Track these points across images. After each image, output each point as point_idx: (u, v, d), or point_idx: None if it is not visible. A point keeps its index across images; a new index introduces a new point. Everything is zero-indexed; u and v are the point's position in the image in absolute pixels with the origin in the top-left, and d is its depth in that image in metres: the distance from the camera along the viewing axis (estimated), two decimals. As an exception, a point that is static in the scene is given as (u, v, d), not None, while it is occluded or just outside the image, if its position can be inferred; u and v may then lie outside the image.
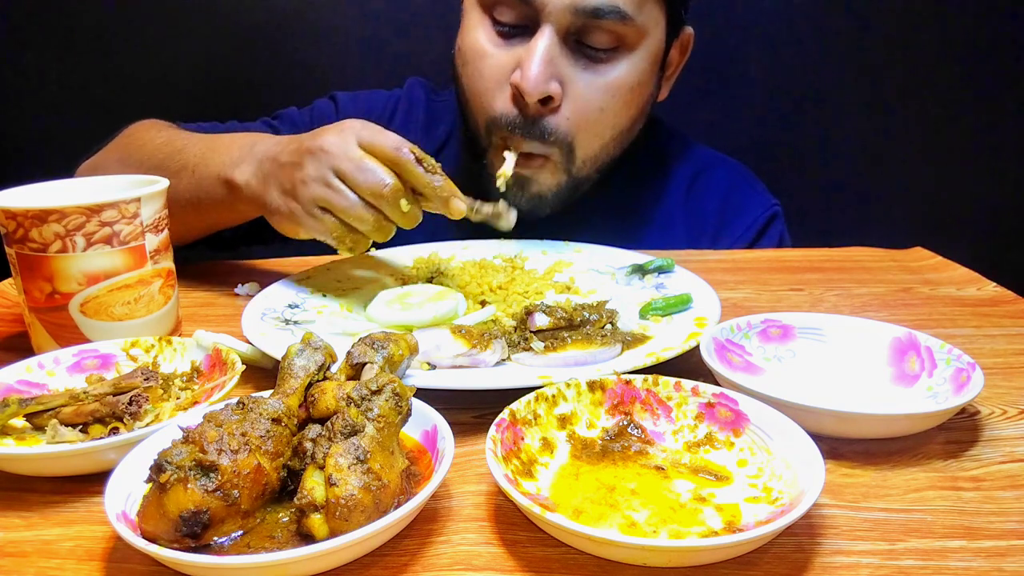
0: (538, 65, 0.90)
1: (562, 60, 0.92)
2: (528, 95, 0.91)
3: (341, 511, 0.41)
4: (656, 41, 0.98)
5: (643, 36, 0.95)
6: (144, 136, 0.99)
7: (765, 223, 1.12)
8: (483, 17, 0.97)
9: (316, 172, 0.75)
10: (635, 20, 0.92)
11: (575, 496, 0.48)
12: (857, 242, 1.09)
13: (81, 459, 0.50)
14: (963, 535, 0.46)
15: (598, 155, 1.01)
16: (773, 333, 0.68)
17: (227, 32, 1.67)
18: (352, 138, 0.75)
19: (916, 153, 1.76)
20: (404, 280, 0.88)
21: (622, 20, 0.91)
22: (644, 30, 0.94)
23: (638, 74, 0.97)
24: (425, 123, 1.20)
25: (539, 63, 0.90)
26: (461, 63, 1.01)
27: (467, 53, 0.99)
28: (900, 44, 1.69)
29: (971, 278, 0.94)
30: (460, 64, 1.01)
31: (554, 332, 0.67)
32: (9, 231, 0.66)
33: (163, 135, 0.97)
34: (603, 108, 0.96)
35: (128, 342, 0.66)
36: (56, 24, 1.67)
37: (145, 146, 0.96)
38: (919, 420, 0.55)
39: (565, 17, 0.90)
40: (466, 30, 1.00)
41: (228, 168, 0.84)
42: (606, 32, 0.92)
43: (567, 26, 0.91)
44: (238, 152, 0.84)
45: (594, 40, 0.93)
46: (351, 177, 0.74)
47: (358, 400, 0.46)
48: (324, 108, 1.20)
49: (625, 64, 0.95)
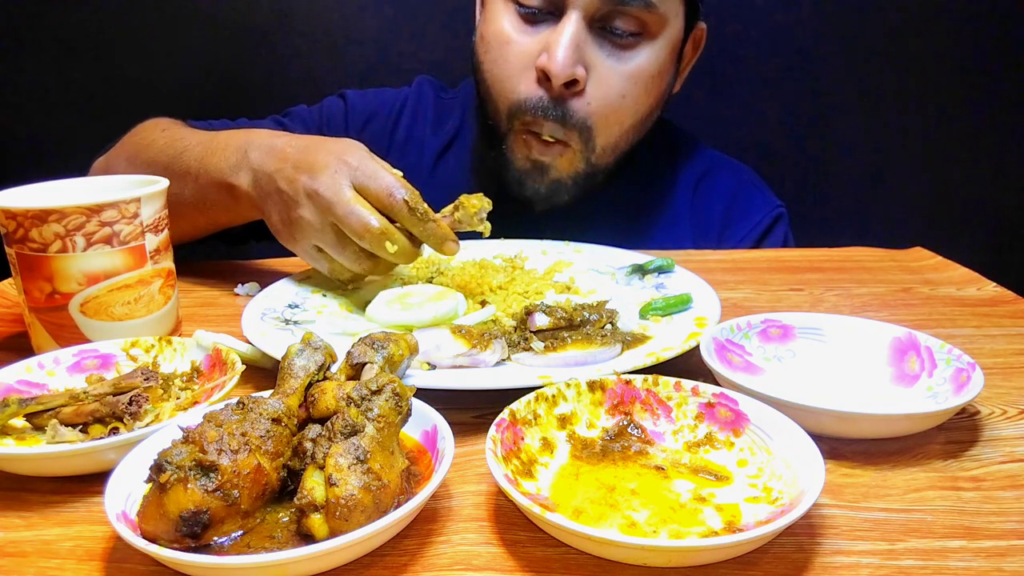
0: (566, 48, 0.92)
1: (587, 45, 0.94)
2: (556, 77, 0.92)
3: (341, 511, 0.40)
4: (676, 31, 1.00)
5: (664, 24, 0.97)
6: (150, 137, 0.99)
7: (770, 224, 1.13)
8: (507, 4, 0.98)
9: (311, 217, 0.76)
10: (658, 8, 0.94)
11: (575, 496, 0.48)
12: (857, 242, 1.09)
13: (81, 459, 0.50)
14: (963, 535, 0.46)
15: (617, 143, 1.02)
16: (773, 333, 0.68)
17: (227, 32, 1.67)
18: (346, 180, 0.75)
19: (916, 153, 1.77)
20: (404, 280, 0.88)
21: (647, 7, 0.93)
22: (666, 18, 0.96)
23: (659, 63, 0.99)
24: (434, 120, 1.20)
25: (567, 46, 0.92)
26: (483, 51, 1.02)
27: (491, 40, 1.00)
28: (900, 44, 1.69)
29: (971, 278, 0.94)
30: (482, 51, 1.02)
31: (554, 332, 0.67)
32: (9, 231, 0.66)
33: (166, 136, 0.97)
34: (624, 95, 0.98)
35: (128, 342, 0.66)
36: (56, 24, 1.67)
37: (151, 147, 0.96)
38: (919, 420, 0.55)
39: (592, 2, 0.92)
40: (489, 18, 1.01)
41: (227, 174, 0.84)
42: (631, 18, 0.94)
43: (593, 11, 0.93)
44: (234, 157, 0.84)
45: (619, 25, 0.94)
46: (341, 221, 0.74)
47: (358, 400, 0.46)
48: (334, 106, 1.21)
49: (647, 51, 0.97)
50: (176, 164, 0.90)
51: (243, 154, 0.83)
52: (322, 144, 0.79)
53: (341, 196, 0.74)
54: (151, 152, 0.95)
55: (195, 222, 0.93)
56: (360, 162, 0.76)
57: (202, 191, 0.88)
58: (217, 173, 0.85)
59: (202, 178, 0.87)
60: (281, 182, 0.78)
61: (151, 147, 0.96)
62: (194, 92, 1.70)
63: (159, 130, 1.00)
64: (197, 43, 1.68)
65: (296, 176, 0.77)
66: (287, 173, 0.78)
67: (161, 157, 0.93)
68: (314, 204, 0.75)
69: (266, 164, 0.81)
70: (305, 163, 0.77)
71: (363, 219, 0.73)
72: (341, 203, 0.74)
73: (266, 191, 0.80)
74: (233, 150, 0.85)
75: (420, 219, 0.75)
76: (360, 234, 0.74)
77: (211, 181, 0.86)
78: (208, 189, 0.87)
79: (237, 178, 0.83)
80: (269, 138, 0.83)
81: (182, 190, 0.89)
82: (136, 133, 1.03)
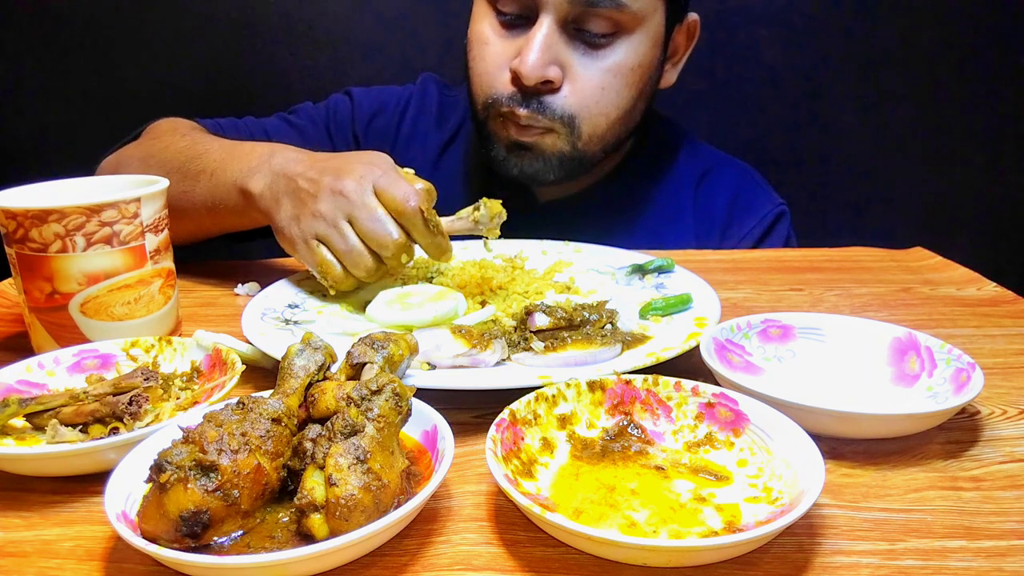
0: (536, 52, 0.94)
1: (561, 47, 0.96)
2: (526, 79, 0.94)
3: (341, 511, 0.40)
4: (656, 24, 1.00)
5: (641, 21, 0.97)
6: (168, 138, 1.00)
7: (772, 222, 1.13)
8: (488, 8, 1.01)
9: (329, 212, 0.76)
10: (630, 7, 0.94)
11: (575, 496, 0.48)
12: (857, 242, 1.09)
13: (81, 459, 0.50)
14: (963, 535, 0.46)
15: (604, 134, 1.03)
16: (773, 333, 0.68)
17: (227, 31, 1.67)
18: (370, 185, 0.76)
19: (916, 153, 1.77)
20: (404, 280, 0.88)
21: (617, 7, 0.94)
22: (641, 15, 0.97)
23: (638, 56, 0.99)
24: (437, 116, 1.22)
25: (537, 50, 0.94)
26: (469, 49, 1.05)
27: (473, 41, 1.03)
28: (900, 44, 1.69)
29: (971, 278, 0.94)
30: (468, 49, 1.05)
31: (554, 332, 0.67)
32: (9, 231, 0.66)
33: (187, 138, 0.98)
34: (604, 87, 0.99)
35: (128, 342, 0.66)
36: (56, 24, 1.67)
37: (168, 148, 0.97)
38: (919, 420, 0.55)
39: (562, 6, 0.93)
40: (474, 20, 1.04)
41: (244, 177, 0.84)
42: (603, 19, 0.95)
43: (564, 15, 0.94)
44: (256, 161, 0.85)
45: (592, 26, 0.95)
46: (361, 224, 0.75)
47: (358, 400, 0.45)
48: (340, 103, 1.21)
49: (624, 47, 0.98)
50: (192, 165, 0.91)
51: (265, 160, 0.84)
52: (350, 154, 0.81)
53: (367, 200, 0.75)
54: (169, 153, 0.95)
55: (201, 223, 0.93)
56: (385, 169, 0.77)
57: (214, 192, 0.88)
58: (234, 174, 0.86)
59: (217, 177, 0.88)
60: (302, 181, 0.79)
61: (169, 148, 0.97)
62: (194, 91, 1.71)
63: (179, 132, 1.01)
64: (197, 42, 1.68)
65: (320, 177, 0.78)
66: (310, 175, 0.79)
67: (179, 157, 0.93)
68: (336, 201, 0.76)
69: (289, 168, 0.81)
70: (331, 167, 0.78)
71: (387, 229, 0.75)
72: (366, 207, 0.75)
73: (281, 191, 0.80)
74: (256, 156, 0.86)
75: (431, 232, 0.76)
76: (381, 243, 0.75)
77: (226, 182, 0.87)
78: (220, 190, 0.87)
79: (253, 181, 0.83)
80: (296, 151, 0.85)
81: (194, 190, 0.89)
82: (154, 133, 1.04)
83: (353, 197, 0.75)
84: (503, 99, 0.99)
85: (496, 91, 1.00)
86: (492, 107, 1.01)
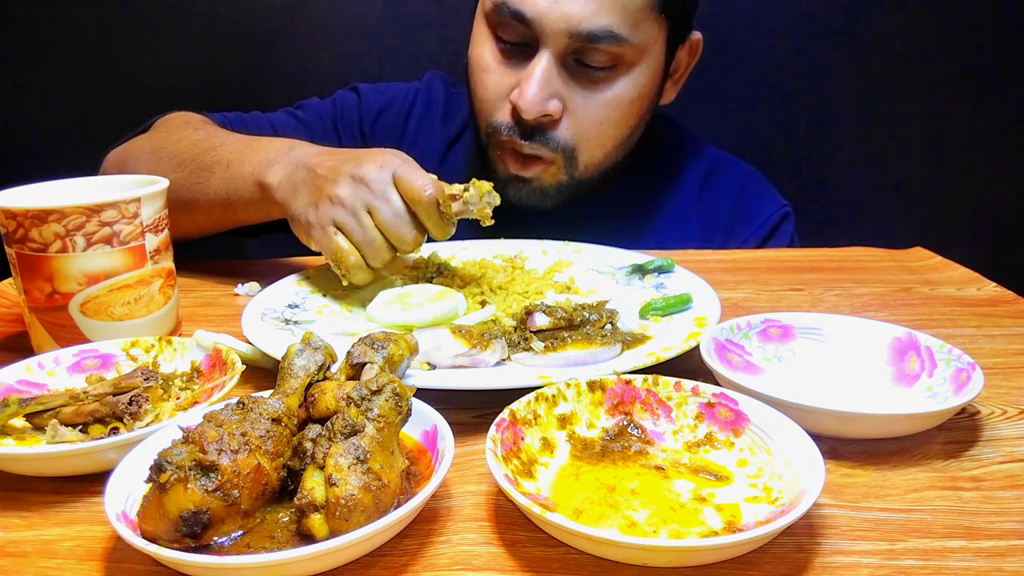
0: (535, 88, 0.93)
1: (560, 80, 0.96)
2: (526, 113, 0.95)
3: (341, 511, 0.41)
4: (656, 55, 1.00)
5: (642, 54, 0.97)
6: (181, 131, 1.00)
7: (776, 223, 1.14)
8: (488, 33, 1.00)
9: (349, 198, 0.76)
10: (631, 41, 0.94)
11: (575, 496, 0.48)
12: (857, 242, 1.09)
13: (81, 459, 0.50)
14: (963, 535, 0.46)
15: (601, 162, 1.04)
16: (773, 333, 0.68)
17: (228, 30, 1.67)
18: (390, 173, 0.76)
19: (915, 153, 1.77)
20: (404, 280, 0.88)
21: (618, 43, 0.93)
22: (642, 48, 0.97)
23: (637, 88, 0.99)
24: (443, 113, 1.22)
25: (536, 86, 0.93)
26: (470, 71, 1.04)
27: (473, 64, 1.03)
28: (900, 44, 1.69)
29: (971, 278, 0.94)
30: (469, 71, 1.05)
31: (554, 332, 0.67)
32: (9, 231, 0.66)
33: (201, 132, 0.98)
34: (603, 121, 0.99)
35: (128, 342, 0.66)
36: (56, 24, 1.67)
37: (182, 140, 0.97)
38: (919, 420, 0.55)
39: (562, 40, 0.92)
40: (474, 43, 1.03)
41: (262, 168, 0.84)
42: (603, 53, 0.94)
43: (564, 48, 0.93)
44: (275, 154, 0.85)
45: (592, 60, 0.95)
46: (381, 217, 0.76)
47: (358, 400, 0.46)
48: (347, 99, 1.22)
49: (624, 81, 0.98)
50: (207, 157, 0.91)
51: (285, 152, 0.84)
52: (370, 149, 0.81)
53: (389, 194, 0.76)
54: (182, 145, 0.95)
55: (212, 215, 0.93)
56: (404, 160, 0.78)
57: (229, 184, 0.88)
58: (252, 165, 0.86)
59: (233, 169, 0.88)
60: (320, 169, 0.79)
61: (182, 140, 0.96)
62: (195, 91, 1.70)
63: (192, 127, 1.01)
64: (198, 41, 1.68)
65: (340, 165, 0.78)
66: (330, 163, 0.79)
67: (193, 150, 0.93)
68: (356, 188, 0.76)
69: (308, 159, 0.81)
70: (352, 156, 0.79)
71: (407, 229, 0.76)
72: (388, 202, 0.75)
73: (300, 180, 0.81)
74: (276, 149, 0.86)
75: (444, 222, 0.77)
76: (400, 240, 0.76)
77: (242, 174, 0.86)
78: (236, 181, 0.87)
79: (271, 172, 0.83)
80: (316, 146, 0.85)
81: (208, 182, 0.89)
82: (165, 126, 1.04)
83: (374, 186, 0.76)
84: (503, 128, 0.99)
85: (497, 120, 1.00)
86: (493, 135, 1.01)
